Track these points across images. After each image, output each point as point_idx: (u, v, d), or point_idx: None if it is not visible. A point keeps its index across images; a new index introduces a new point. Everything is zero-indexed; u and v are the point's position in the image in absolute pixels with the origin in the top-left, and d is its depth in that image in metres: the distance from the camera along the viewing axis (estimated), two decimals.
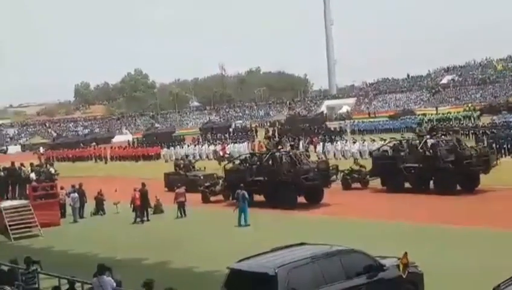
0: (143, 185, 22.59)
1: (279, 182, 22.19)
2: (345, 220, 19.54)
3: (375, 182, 24.80)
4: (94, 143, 60.11)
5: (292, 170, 22.19)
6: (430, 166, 22.57)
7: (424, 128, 40.14)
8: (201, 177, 27.50)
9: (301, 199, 22.54)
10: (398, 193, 22.93)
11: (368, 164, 26.04)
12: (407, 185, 23.46)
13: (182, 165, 29.97)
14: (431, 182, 22.90)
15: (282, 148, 26.55)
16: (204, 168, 30.14)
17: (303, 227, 18.47)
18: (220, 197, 24.88)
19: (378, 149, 26.51)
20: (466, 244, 15.29)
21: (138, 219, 22.00)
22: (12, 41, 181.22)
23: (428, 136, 24.55)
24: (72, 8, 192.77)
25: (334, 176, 23.21)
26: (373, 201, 23.14)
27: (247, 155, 26.30)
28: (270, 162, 23.28)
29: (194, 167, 30.13)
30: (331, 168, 23.16)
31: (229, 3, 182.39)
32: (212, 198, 24.98)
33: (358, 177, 25.51)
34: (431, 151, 23.12)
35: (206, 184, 25.34)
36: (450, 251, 14.82)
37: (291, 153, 24.28)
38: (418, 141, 24.64)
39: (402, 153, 23.91)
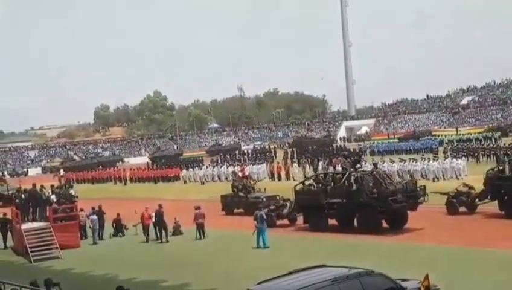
0: (159, 206, 22.62)
1: (361, 204, 20.20)
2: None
3: (489, 206, 21.80)
4: (100, 167, 60.33)
5: (377, 191, 20.19)
6: None
7: None
8: (264, 200, 25.53)
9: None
10: None
11: None
12: None
13: (240, 187, 27.75)
14: None
15: (361, 167, 24.10)
16: (265, 189, 28.03)
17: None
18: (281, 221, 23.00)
19: (493, 169, 23.14)
20: None
21: (158, 241, 22.08)
22: (32, 64, 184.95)
23: None
24: (91, 31, 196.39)
25: (422, 198, 20.81)
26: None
27: (320, 175, 24.15)
28: (348, 182, 21.27)
29: (253, 188, 27.83)
30: (418, 188, 20.99)
31: (246, 25, 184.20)
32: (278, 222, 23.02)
33: (466, 201, 22.41)
34: None
35: (271, 207, 23.37)
36: None
37: (374, 172, 21.90)
38: None
39: None
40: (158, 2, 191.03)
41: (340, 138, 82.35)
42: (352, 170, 22.62)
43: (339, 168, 37.09)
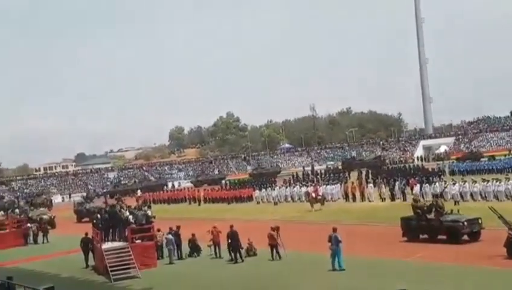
0: (231, 227, 22.66)
1: None
2: None
3: None
4: (139, 191, 61.49)
5: None
6: None
7: None
8: (465, 224, 21.11)
9: None
10: None
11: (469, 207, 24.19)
12: None
13: (426, 208, 22.98)
14: None
15: None
16: (458, 210, 23.13)
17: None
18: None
19: None
20: None
21: (233, 261, 22.07)
22: (111, 89, 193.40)
23: None
24: (165, 56, 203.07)
25: None
26: None
27: None
28: None
29: (443, 209, 22.73)
30: None
31: (320, 44, 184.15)
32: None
33: None
34: None
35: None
36: None
37: None
38: None
39: None
40: (229, 23, 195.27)
41: (417, 157, 79.96)
42: None
43: (416, 188, 35.83)
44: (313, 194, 38.01)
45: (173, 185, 75.86)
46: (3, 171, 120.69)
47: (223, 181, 68.09)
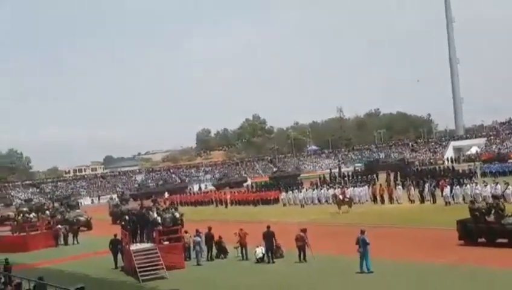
0: (268, 227, 22.64)
1: None
2: None
3: None
4: (166, 193, 61.83)
5: None
6: None
7: None
8: None
9: None
10: None
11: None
12: None
13: (484, 210, 21.84)
14: None
15: None
16: None
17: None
18: None
19: None
20: None
21: (260, 262, 21.92)
22: (140, 96, 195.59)
23: None
24: (191, 59, 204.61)
25: None
26: None
27: None
28: None
29: (504, 211, 21.44)
30: None
31: (347, 46, 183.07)
32: None
33: None
34: None
35: None
36: None
37: None
38: None
39: None
40: (255, 25, 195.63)
41: (448, 159, 78.71)
42: None
43: (446, 190, 35.17)
44: (340, 196, 37.66)
45: (200, 188, 76.37)
46: (34, 174, 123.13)
47: (245, 184, 68.26)
